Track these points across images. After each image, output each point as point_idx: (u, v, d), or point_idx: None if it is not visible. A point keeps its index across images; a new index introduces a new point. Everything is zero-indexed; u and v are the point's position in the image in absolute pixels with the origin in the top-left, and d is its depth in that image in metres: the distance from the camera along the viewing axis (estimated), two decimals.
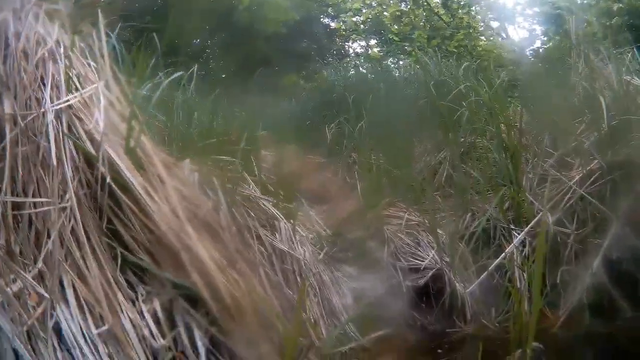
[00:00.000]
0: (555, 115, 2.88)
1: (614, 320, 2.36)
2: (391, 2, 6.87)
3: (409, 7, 6.62)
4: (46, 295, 1.40)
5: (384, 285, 2.47)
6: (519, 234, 2.65)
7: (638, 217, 2.47)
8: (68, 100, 1.73)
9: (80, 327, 1.40)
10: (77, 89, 1.80)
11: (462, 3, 6.74)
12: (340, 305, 2.13)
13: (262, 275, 1.87)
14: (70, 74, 1.80)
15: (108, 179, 1.58)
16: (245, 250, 1.95)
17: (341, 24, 6.51)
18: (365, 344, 2.04)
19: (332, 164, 3.31)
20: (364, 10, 6.60)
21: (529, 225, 2.53)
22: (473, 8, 6.76)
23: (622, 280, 2.53)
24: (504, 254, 2.35)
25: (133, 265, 1.59)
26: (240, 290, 1.71)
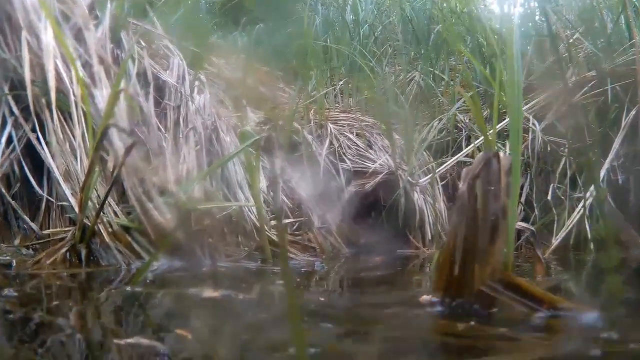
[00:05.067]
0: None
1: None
2: None
3: None
4: None
5: (317, 183, 1.90)
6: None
7: None
8: None
9: None
10: None
11: None
12: (237, 176, 1.56)
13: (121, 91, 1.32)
14: None
15: None
16: (111, 64, 1.43)
17: None
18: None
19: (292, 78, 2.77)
20: None
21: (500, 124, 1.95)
22: None
23: (630, 208, 1.94)
24: (466, 150, 1.77)
25: None
26: (77, 91, 1.25)
